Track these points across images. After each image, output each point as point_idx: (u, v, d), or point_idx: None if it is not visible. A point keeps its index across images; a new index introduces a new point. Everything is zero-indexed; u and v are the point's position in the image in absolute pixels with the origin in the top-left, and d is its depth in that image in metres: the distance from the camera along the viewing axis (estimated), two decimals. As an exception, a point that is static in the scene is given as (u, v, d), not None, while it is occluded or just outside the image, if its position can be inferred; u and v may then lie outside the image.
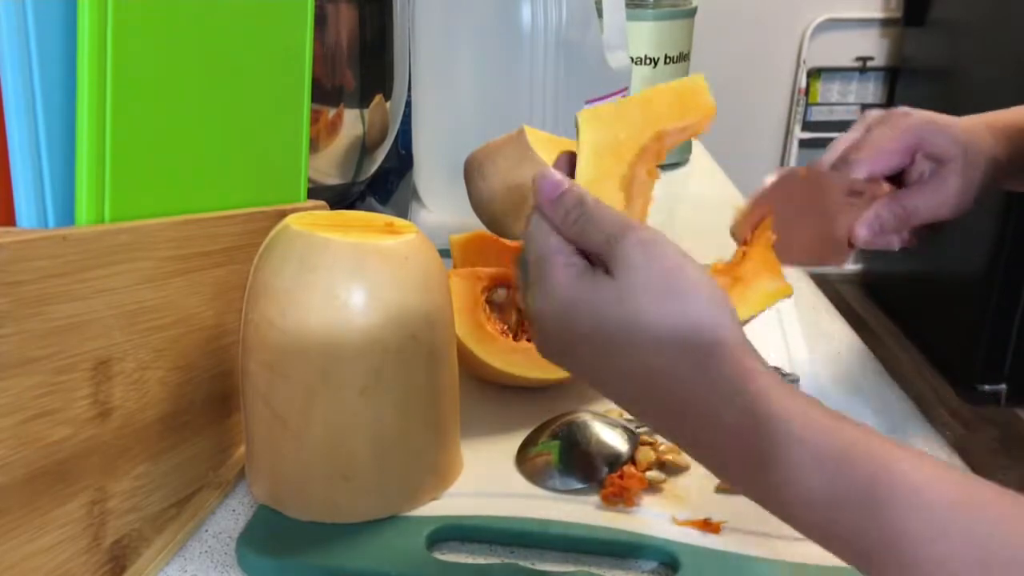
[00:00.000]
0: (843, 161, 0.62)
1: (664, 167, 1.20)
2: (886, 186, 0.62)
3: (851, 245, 0.63)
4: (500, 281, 0.64)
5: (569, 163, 0.46)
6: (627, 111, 0.49)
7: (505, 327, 0.62)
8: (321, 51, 0.56)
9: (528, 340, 0.62)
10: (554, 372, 0.60)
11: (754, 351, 0.38)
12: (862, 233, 0.61)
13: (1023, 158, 0.63)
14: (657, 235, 0.40)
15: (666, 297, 0.38)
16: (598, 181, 0.46)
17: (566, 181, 0.42)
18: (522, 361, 0.60)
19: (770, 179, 0.61)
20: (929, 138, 0.61)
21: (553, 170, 0.43)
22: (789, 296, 0.56)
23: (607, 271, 0.39)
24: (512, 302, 0.64)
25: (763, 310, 0.54)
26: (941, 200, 0.61)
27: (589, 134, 0.46)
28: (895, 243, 0.64)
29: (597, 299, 0.39)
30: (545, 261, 0.41)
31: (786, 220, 0.61)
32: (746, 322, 0.54)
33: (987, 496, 0.34)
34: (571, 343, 0.40)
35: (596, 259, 0.40)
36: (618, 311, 0.38)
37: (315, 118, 0.76)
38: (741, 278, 0.56)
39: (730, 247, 0.87)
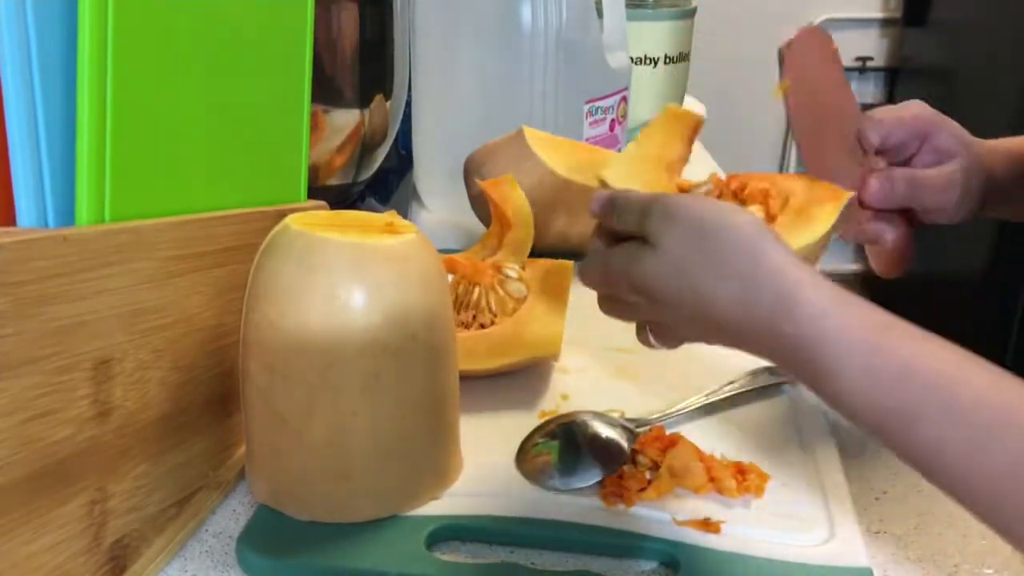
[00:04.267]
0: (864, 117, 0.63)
1: (664, 167, 1.20)
2: (883, 162, 0.63)
3: (862, 205, 0.63)
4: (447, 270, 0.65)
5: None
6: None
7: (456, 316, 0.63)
8: (321, 51, 0.56)
9: (466, 329, 0.63)
10: (493, 361, 0.61)
11: (790, 258, 0.42)
12: (873, 186, 0.62)
13: (1007, 182, 0.64)
14: (678, 200, 0.45)
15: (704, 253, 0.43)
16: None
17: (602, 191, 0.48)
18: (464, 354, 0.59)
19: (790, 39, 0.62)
20: (938, 132, 0.62)
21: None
22: (848, 200, 0.55)
23: (650, 244, 0.44)
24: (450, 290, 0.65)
25: (834, 219, 0.54)
26: (946, 189, 0.62)
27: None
28: (887, 236, 0.64)
29: (651, 270, 0.44)
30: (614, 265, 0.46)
31: (812, 125, 0.61)
32: (825, 238, 0.54)
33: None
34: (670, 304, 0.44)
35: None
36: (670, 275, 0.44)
37: (315, 118, 0.76)
38: (796, 211, 0.56)
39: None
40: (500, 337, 0.63)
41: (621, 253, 0.46)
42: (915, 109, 0.63)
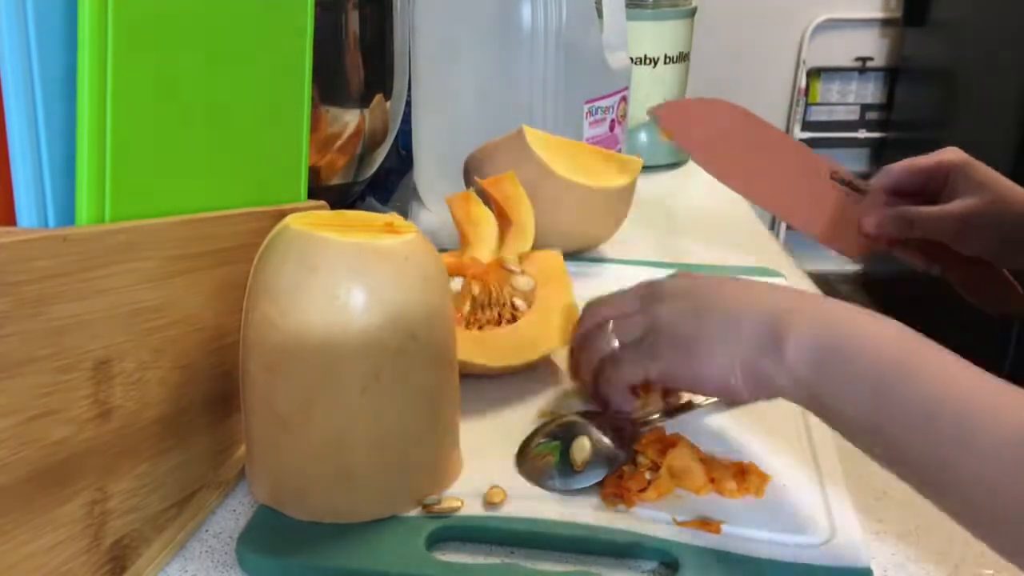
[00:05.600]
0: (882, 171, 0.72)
1: (664, 167, 1.20)
2: (883, 197, 0.71)
3: (867, 237, 0.71)
4: (452, 271, 0.66)
5: None
6: None
7: (458, 315, 0.63)
8: (321, 51, 0.56)
9: (479, 328, 0.64)
10: (508, 360, 0.62)
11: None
12: (865, 223, 0.70)
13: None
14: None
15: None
16: None
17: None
18: (476, 350, 0.61)
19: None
20: (956, 174, 0.68)
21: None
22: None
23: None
24: (466, 292, 0.65)
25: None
26: (941, 222, 0.68)
27: None
28: (918, 263, 0.74)
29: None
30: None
31: (770, 175, 0.69)
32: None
33: None
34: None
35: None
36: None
37: (315, 118, 0.76)
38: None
39: (730, 247, 0.87)
40: (532, 328, 0.64)
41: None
42: (944, 156, 0.69)
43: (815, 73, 2.88)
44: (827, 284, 2.80)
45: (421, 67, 0.93)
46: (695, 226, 1.00)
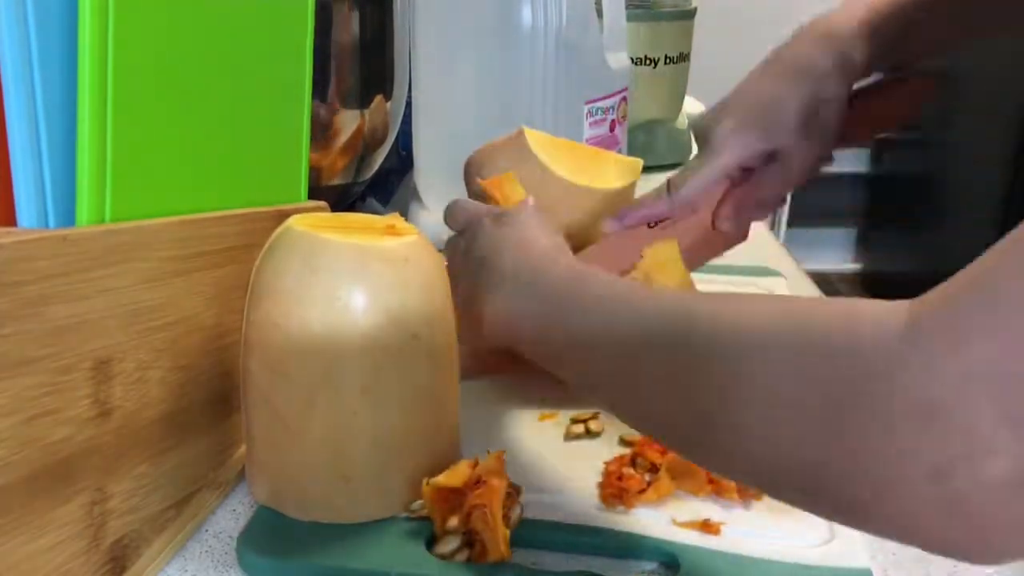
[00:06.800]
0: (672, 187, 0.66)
1: (664, 167, 1.20)
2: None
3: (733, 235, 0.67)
4: None
5: None
6: None
7: None
8: (321, 51, 0.56)
9: None
10: None
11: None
12: (725, 226, 0.65)
13: (885, 47, 0.65)
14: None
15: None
16: None
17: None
18: None
19: None
20: (754, 138, 0.64)
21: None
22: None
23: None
24: None
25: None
26: (786, 180, 0.64)
27: None
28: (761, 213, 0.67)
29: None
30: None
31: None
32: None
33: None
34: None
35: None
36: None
37: (315, 118, 0.76)
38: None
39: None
40: None
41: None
42: (731, 152, 0.65)
43: (815, 73, 2.88)
44: (827, 284, 2.80)
45: (421, 67, 0.93)
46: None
